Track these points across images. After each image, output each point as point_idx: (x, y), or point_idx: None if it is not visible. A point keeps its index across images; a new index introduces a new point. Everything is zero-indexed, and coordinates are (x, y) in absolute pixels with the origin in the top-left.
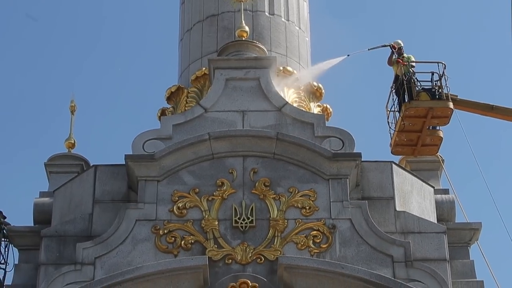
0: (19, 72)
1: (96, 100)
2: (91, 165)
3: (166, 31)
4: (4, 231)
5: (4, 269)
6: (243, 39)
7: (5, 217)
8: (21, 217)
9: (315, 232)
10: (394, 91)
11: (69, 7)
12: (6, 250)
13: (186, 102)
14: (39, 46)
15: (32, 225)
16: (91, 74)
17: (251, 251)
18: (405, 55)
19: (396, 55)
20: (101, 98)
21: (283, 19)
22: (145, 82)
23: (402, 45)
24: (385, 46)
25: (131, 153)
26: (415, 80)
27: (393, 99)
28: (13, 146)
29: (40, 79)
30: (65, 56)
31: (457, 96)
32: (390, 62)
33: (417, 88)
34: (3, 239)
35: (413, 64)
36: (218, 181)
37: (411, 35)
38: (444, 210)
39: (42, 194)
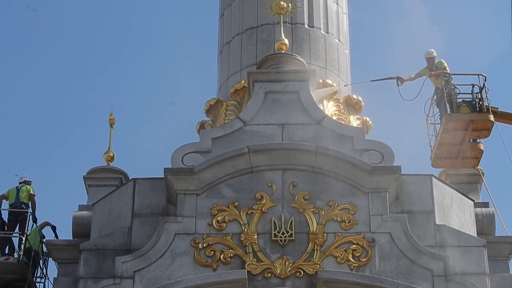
0: (61, 86)
1: (135, 113)
2: (130, 178)
3: (206, 44)
4: (44, 246)
5: (44, 283)
6: (283, 51)
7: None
8: (60, 231)
9: (354, 245)
10: (435, 104)
11: (106, 17)
12: (45, 264)
13: (225, 115)
14: (82, 60)
15: (71, 238)
16: (130, 87)
17: (291, 265)
18: (436, 61)
19: (400, 83)
20: (140, 111)
21: (322, 32)
22: (184, 94)
23: (435, 55)
24: (391, 78)
25: (170, 166)
26: (456, 92)
27: (433, 111)
28: (52, 159)
29: (79, 92)
30: (104, 69)
31: (497, 108)
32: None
33: (458, 101)
34: (42, 255)
35: (447, 70)
36: (257, 195)
37: (451, 46)
38: (484, 224)
39: (81, 208)
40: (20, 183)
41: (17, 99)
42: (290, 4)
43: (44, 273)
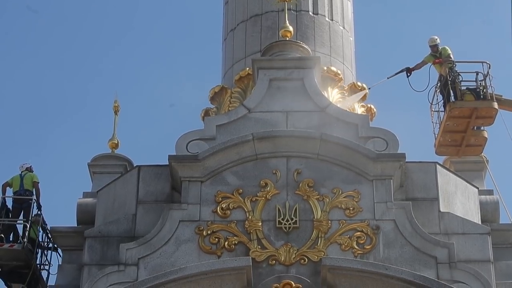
0: (64, 73)
1: (139, 100)
2: (134, 165)
3: (210, 31)
4: (48, 233)
5: (48, 270)
6: (287, 39)
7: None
8: (64, 218)
9: (358, 233)
10: (438, 91)
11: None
12: (47, 250)
13: (230, 103)
14: (87, 46)
15: (76, 225)
16: (135, 74)
17: (295, 252)
18: (439, 48)
19: (409, 74)
20: (145, 98)
21: (327, 19)
22: (188, 82)
23: (438, 41)
24: (402, 71)
25: (174, 153)
26: (460, 80)
27: (437, 99)
28: (57, 146)
29: (84, 79)
30: (109, 56)
31: (501, 96)
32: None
33: (462, 88)
34: (46, 241)
35: (451, 57)
36: (261, 182)
37: (455, 33)
38: (488, 211)
39: (86, 195)
40: (22, 171)
41: (22, 87)
42: None
43: (48, 260)
